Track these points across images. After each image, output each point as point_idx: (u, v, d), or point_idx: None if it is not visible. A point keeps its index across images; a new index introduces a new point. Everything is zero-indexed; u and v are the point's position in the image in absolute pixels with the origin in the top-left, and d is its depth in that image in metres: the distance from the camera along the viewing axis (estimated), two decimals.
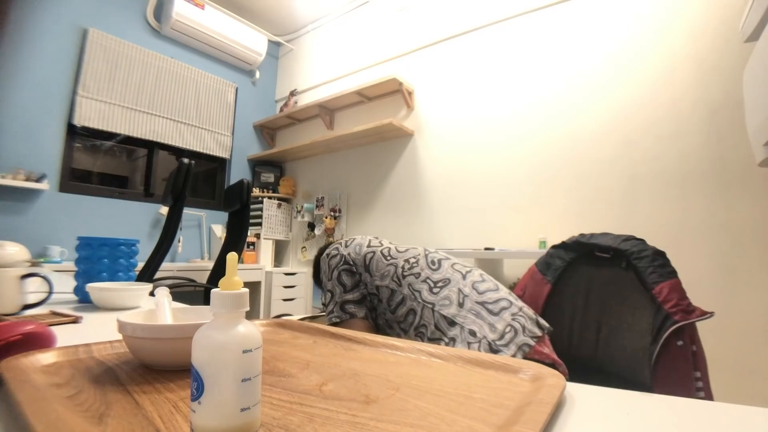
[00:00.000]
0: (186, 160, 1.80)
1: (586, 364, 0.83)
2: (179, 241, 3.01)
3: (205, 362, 0.24)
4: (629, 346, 0.78)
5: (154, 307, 0.48)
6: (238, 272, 0.27)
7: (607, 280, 0.86)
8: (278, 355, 0.46)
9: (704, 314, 0.71)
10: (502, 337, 0.66)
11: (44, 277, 0.74)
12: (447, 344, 0.67)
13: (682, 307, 0.73)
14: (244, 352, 0.24)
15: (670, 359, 0.72)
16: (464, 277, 0.78)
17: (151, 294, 0.85)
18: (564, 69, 2.12)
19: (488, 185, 2.32)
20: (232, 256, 0.27)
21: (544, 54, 2.19)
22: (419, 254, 0.84)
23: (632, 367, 0.76)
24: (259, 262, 3.21)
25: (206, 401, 0.23)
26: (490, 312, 0.70)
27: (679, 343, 0.72)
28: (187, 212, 3.04)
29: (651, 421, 0.30)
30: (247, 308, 0.26)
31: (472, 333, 0.66)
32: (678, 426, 0.29)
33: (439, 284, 0.76)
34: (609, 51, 1.99)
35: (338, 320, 0.82)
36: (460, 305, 0.71)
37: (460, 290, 0.74)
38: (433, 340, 0.69)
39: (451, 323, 0.69)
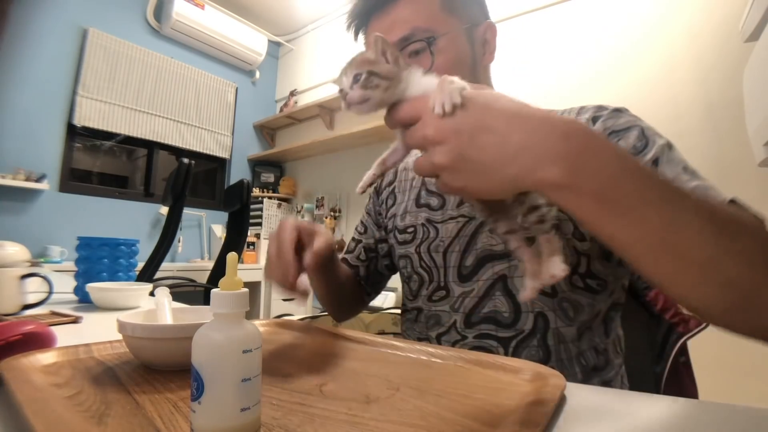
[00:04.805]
0: (186, 160, 1.80)
1: None
2: (179, 241, 3.01)
3: (205, 362, 0.24)
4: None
5: (154, 307, 0.48)
6: (238, 272, 0.27)
7: None
8: (278, 355, 0.46)
9: (699, 324, 0.60)
10: None
11: (44, 277, 0.74)
12: None
13: (682, 316, 0.62)
14: (244, 352, 0.24)
15: (677, 380, 0.62)
16: None
17: (151, 294, 0.85)
18: (561, 68, 2.11)
19: None
20: (232, 256, 0.27)
21: (541, 53, 2.19)
22: None
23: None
24: (259, 262, 3.21)
25: (206, 401, 0.23)
26: None
27: (682, 359, 0.62)
28: (187, 212, 3.03)
29: (651, 421, 0.30)
30: (247, 308, 0.26)
31: None
32: (678, 426, 0.29)
33: None
34: (607, 49, 1.99)
35: None
36: None
37: None
38: None
39: None
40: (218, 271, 2.01)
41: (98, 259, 0.88)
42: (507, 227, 0.33)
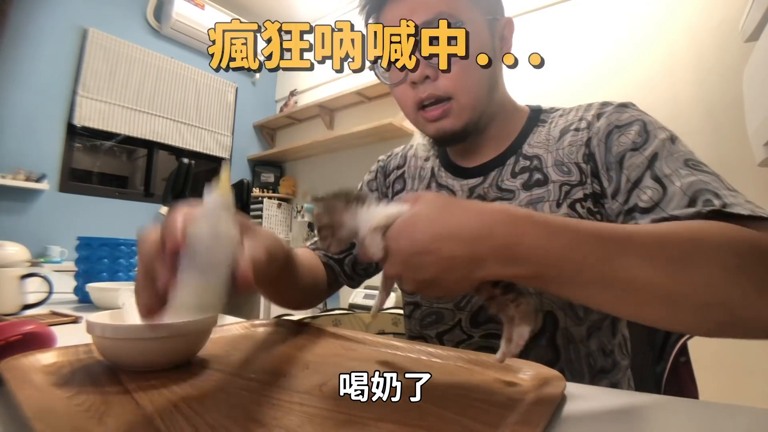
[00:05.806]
0: (186, 160, 1.80)
1: None
2: None
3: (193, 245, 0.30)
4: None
5: (119, 308, 0.48)
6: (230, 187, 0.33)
7: None
8: (278, 355, 0.46)
9: None
10: None
11: (44, 277, 0.74)
12: None
13: None
14: (219, 245, 0.31)
15: (677, 380, 0.61)
16: None
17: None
18: (561, 68, 2.11)
19: None
20: (225, 174, 0.33)
21: (540, 53, 2.19)
22: None
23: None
24: None
25: (186, 280, 0.30)
26: None
27: (683, 359, 0.61)
28: None
29: (651, 421, 0.30)
30: (233, 209, 0.33)
31: None
32: (677, 426, 0.29)
33: None
34: (607, 50, 1.99)
35: None
36: None
37: None
38: None
39: None
40: None
41: (98, 259, 0.88)
42: (487, 295, 0.36)
